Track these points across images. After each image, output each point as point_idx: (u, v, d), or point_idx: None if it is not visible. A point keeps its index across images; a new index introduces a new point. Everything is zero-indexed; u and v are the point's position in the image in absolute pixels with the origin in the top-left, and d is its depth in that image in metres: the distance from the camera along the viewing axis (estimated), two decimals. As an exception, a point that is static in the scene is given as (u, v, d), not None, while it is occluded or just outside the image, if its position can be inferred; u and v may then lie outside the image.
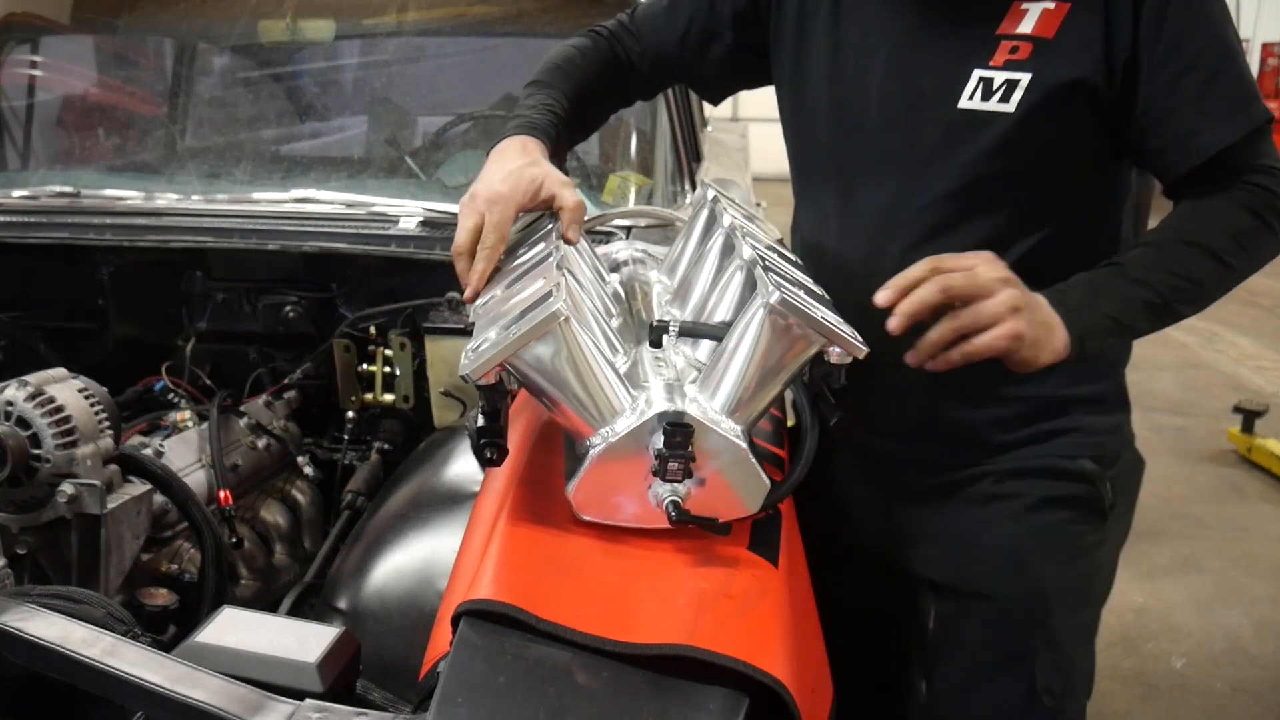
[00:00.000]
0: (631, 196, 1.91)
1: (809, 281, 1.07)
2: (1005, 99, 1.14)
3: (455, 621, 0.82)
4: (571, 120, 1.30)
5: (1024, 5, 1.15)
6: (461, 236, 1.10)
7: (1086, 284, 1.11)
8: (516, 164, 1.14)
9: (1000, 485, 1.27)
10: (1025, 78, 1.13)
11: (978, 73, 1.15)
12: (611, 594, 0.87)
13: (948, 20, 1.19)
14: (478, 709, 0.75)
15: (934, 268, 1.03)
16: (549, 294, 0.91)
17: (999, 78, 1.14)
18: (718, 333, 1.00)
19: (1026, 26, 1.14)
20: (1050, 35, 1.13)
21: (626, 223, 1.67)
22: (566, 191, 1.13)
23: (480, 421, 0.94)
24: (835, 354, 0.94)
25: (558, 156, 1.27)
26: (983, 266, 1.04)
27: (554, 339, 0.90)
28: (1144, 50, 1.12)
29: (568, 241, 1.11)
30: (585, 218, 1.16)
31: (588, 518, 0.94)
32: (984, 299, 1.03)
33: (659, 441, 0.89)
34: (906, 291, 1.03)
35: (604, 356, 0.93)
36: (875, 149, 1.23)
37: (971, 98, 1.16)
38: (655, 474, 0.91)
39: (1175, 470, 4.01)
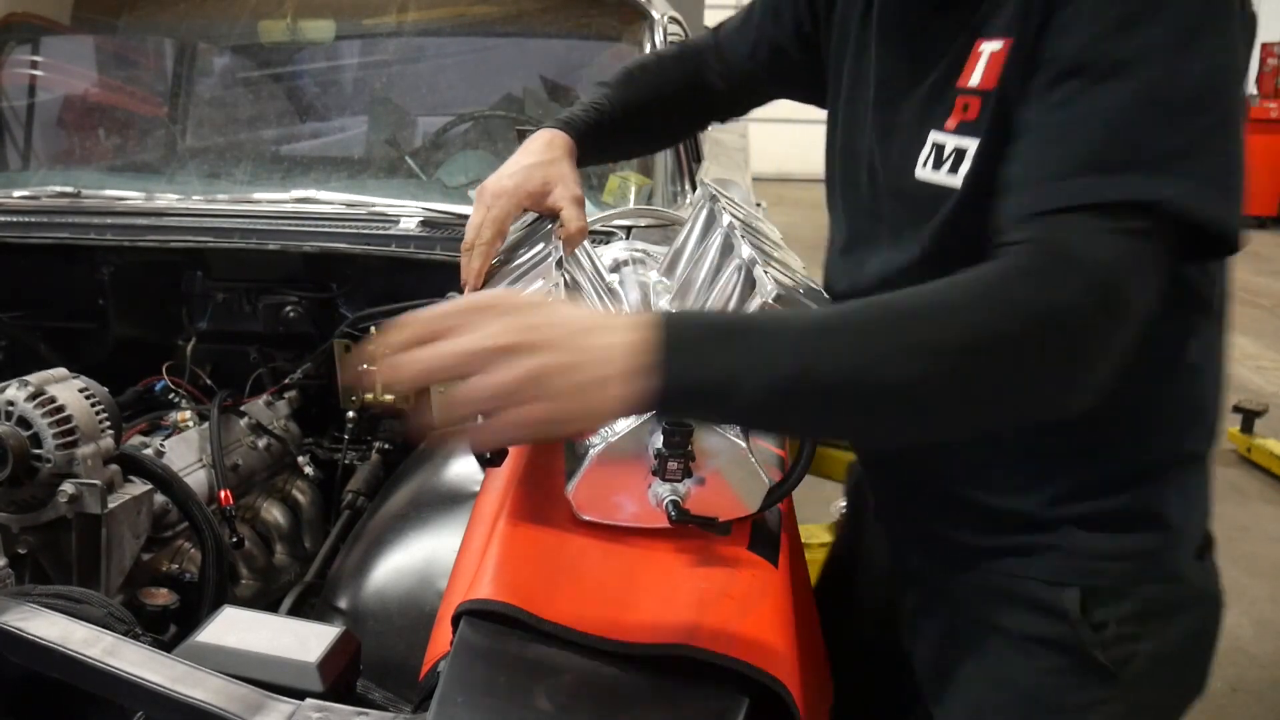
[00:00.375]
0: (631, 196, 1.91)
1: (809, 280, 1.07)
2: (954, 170, 0.91)
3: (455, 621, 0.82)
4: (623, 125, 1.22)
5: (981, 45, 0.89)
6: (469, 233, 1.09)
7: (712, 323, 0.78)
8: (533, 159, 1.11)
9: (973, 607, 1.05)
10: (972, 145, 0.89)
11: (933, 137, 0.94)
12: (611, 594, 0.87)
13: (920, 65, 0.97)
14: (478, 709, 0.75)
15: (418, 335, 0.73)
16: (548, 294, 0.91)
17: (949, 144, 0.92)
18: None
19: (976, 77, 0.89)
20: (992, 86, 0.87)
21: (626, 223, 1.67)
22: (573, 212, 1.09)
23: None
24: None
25: (594, 157, 1.22)
26: (478, 329, 0.71)
27: (554, 339, 0.90)
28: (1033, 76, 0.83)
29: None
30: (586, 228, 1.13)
31: (588, 518, 0.94)
32: (471, 375, 0.71)
33: (658, 441, 0.89)
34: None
35: (604, 356, 0.93)
36: (861, 209, 1.06)
37: (925, 165, 0.94)
38: (655, 474, 0.91)
39: (1175, 470, 4.01)
